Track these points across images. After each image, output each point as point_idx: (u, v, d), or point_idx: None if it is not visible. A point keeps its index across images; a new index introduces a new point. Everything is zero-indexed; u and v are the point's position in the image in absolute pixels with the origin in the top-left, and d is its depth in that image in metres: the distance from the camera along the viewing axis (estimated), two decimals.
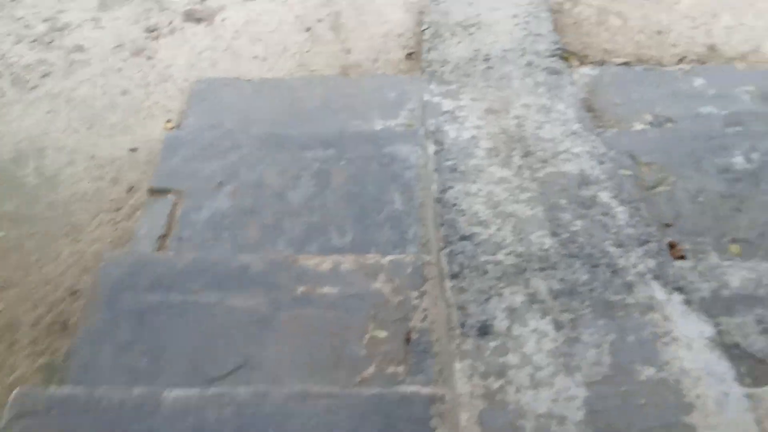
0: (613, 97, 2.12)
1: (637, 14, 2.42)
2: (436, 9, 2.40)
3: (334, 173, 1.88)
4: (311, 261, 1.55)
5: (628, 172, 1.83)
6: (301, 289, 1.47)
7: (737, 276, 1.52)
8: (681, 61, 2.29)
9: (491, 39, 2.23)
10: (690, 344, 1.19)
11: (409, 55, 2.34)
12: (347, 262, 1.53)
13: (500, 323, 1.25)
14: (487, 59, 2.14)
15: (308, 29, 2.44)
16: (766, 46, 2.30)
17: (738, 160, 1.84)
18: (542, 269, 1.37)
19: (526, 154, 1.76)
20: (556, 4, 2.46)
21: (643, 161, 1.87)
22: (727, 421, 1.07)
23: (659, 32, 2.37)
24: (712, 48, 2.32)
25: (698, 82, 2.15)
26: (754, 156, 1.84)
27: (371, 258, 1.55)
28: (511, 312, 1.27)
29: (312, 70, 2.30)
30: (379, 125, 2.08)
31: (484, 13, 2.35)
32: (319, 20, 2.48)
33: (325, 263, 1.53)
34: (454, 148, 1.80)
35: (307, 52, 2.37)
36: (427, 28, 2.32)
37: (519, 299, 1.30)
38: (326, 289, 1.46)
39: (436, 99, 2.00)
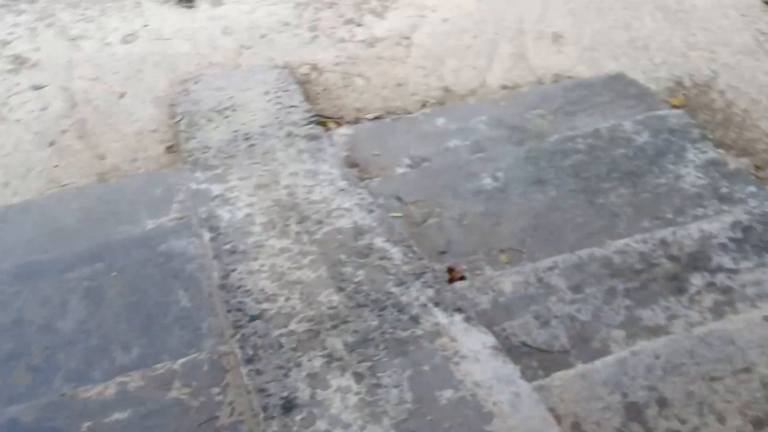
0: (371, 150, 2.25)
1: (377, 72, 2.63)
2: (187, 99, 2.39)
3: (108, 288, 1.74)
4: (93, 391, 1.40)
5: (398, 214, 1.94)
6: (86, 425, 1.31)
7: (509, 282, 1.67)
8: (423, 106, 2.52)
9: (248, 118, 2.27)
10: (477, 357, 1.26)
11: (169, 148, 2.29)
12: (134, 379, 1.41)
13: (303, 393, 1.22)
14: (247, 138, 2.16)
15: (52, 143, 2.28)
16: (489, 80, 2.63)
17: (487, 181, 2.05)
18: (335, 326, 1.38)
19: (302, 220, 1.79)
20: (303, 75, 2.59)
21: (410, 201, 2.00)
22: (524, 417, 1.15)
23: (399, 85, 2.59)
24: (446, 90, 2.59)
25: (441, 121, 2.37)
26: (499, 175, 2.07)
27: (160, 367, 1.44)
28: (312, 378, 1.25)
29: (64, 184, 2.14)
30: (150, 225, 1.98)
31: (236, 95, 2.39)
32: (64, 131, 2.33)
33: (109, 389, 1.39)
34: (230, 231, 1.77)
35: (55, 167, 2.20)
36: (181, 119, 2.29)
37: (318, 363, 1.29)
38: (116, 417, 1.32)
39: (204, 186, 1.96)
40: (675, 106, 2.36)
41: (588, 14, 2.82)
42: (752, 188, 1.97)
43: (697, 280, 1.65)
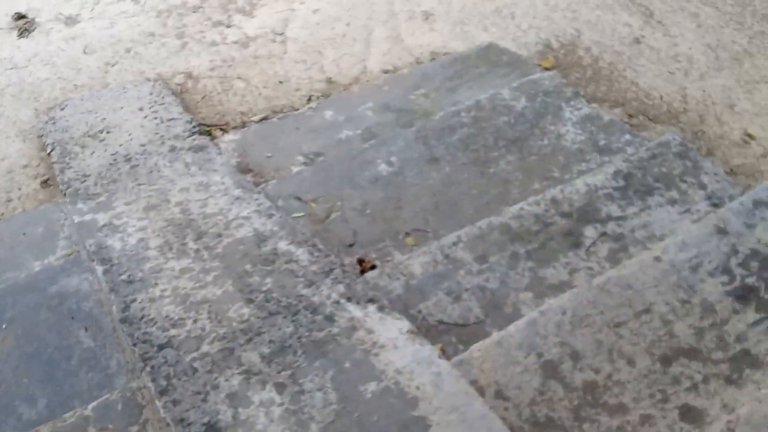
0: (263, 152, 2.20)
1: (256, 72, 2.57)
2: (56, 127, 2.23)
3: (0, 341, 1.61)
4: None
5: (299, 214, 1.91)
6: None
7: (418, 263, 1.70)
8: (309, 100, 2.48)
9: (125, 138, 2.15)
10: (395, 344, 1.27)
11: (45, 183, 2.13)
12: None
13: (225, 415, 1.18)
14: (128, 159, 2.06)
15: None
16: (370, 65, 2.63)
17: (383, 167, 2.06)
18: (249, 340, 1.35)
19: (200, 236, 1.73)
20: (178, 85, 2.48)
21: (309, 198, 1.97)
22: (448, 395, 1.17)
23: (281, 82, 2.54)
24: (329, 81, 2.56)
25: (329, 113, 2.36)
26: (393, 159, 2.08)
27: (71, 415, 1.35)
28: (232, 398, 1.21)
29: None
30: (36, 267, 1.85)
31: (108, 116, 2.26)
32: None
33: None
34: (123, 260, 1.67)
35: None
36: (52, 150, 2.14)
37: (236, 381, 1.25)
38: None
39: (89, 217, 1.85)
40: (547, 69, 2.46)
41: None
42: (627, 136, 2.10)
43: (590, 232, 1.74)
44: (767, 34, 2.63)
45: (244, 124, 2.38)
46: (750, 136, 2.21)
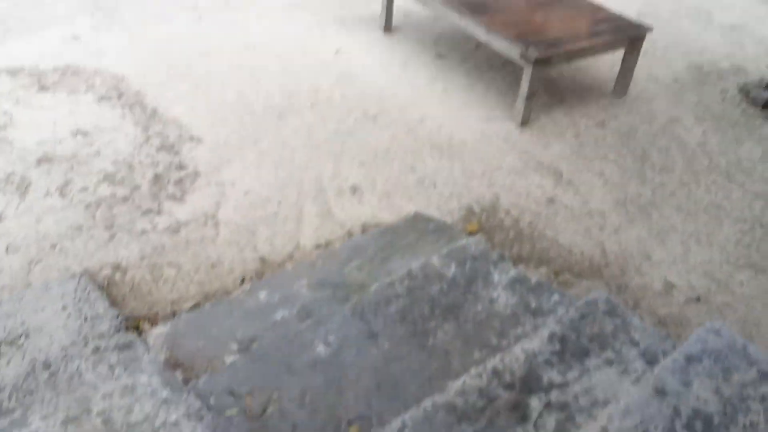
0: (195, 343, 2.13)
1: (187, 258, 2.55)
2: None
3: None
4: None
5: (233, 411, 1.81)
6: None
7: None
8: (242, 282, 2.46)
9: (45, 342, 2.04)
10: None
11: None
12: None
13: None
14: (47, 366, 1.93)
15: None
16: (303, 241, 2.66)
17: (321, 349, 2.01)
18: None
19: None
20: (105, 278, 2.42)
21: (245, 392, 1.88)
22: None
23: (214, 266, 2.53)
24: (263, 260, 2.57)
25: (263, 294, 2.33)
26: (331, 339, 2.04)
27: None
28: None
29: None
30: None
31: (29, 318, 2.15)
32: None
33: None
34: None
35: None
36: None
37: None
38: None
39: None
40: (471, 233, 2.56)
41: (377, 164, 3.05)
42: (556, 296, 2.15)
43: (535, 402, 1.71)
44: (667, 185, 2.86)
45: (174, 314, 2.31)
46: (670, 284, 2.32)
